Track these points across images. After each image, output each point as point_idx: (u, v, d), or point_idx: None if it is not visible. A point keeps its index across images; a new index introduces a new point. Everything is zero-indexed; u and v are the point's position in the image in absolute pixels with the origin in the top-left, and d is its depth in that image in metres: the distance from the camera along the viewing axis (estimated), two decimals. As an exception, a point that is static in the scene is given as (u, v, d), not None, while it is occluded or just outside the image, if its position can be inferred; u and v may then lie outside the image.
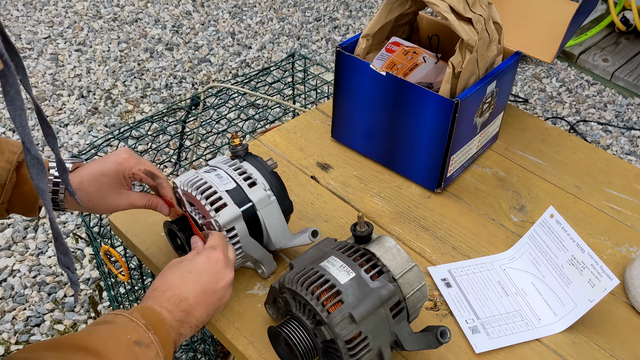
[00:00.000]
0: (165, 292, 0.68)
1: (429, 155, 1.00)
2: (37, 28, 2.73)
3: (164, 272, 0.71)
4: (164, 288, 0.68)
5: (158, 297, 0.67)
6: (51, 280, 1.69)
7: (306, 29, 2.89)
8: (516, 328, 0.83)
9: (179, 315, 0.67)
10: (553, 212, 0.90)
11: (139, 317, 0.63)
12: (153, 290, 0.69)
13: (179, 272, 0.70)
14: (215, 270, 0.71)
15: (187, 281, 0.69)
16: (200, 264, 0.71)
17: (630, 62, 2.66)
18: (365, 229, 0.74)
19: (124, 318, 0.62)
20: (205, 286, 0.69)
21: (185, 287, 0.68)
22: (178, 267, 0.71)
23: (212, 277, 0.70)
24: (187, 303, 0.68)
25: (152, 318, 0.64)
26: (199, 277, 0.70)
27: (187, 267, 0.70)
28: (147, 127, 2.06)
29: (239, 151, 0.85)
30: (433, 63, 1.07)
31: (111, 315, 0.63)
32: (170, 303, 0.67)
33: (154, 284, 0.70)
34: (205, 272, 0.70)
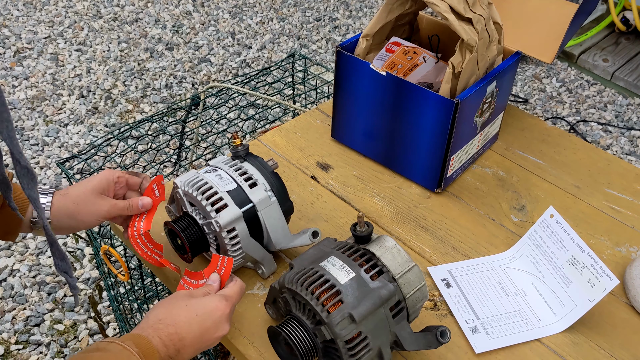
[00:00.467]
0: (168, 327, 0.68)
1: (429, 155, 1.00)
2: (37, 28, 2.73)
3: (172, 305, 0.71)
4: (168, 322, 0.69)
5: (160, 329, 0.68)
6: (51, 280, 1.69)
7: (306, 29, 2.90)
8: (516, 328, 0.83)
9: (172, 352, 0.68)
10: (553, 212, 0.90)
11: (132, 345, 0.64)
12: (157, 321, 0.69)
13: (187, 310, 0.70)
14: (219, 321, 0.71)
15: (191, 322, 0.70)
16: (208, 308, 0.71)
17: (630, 62, 2.66)
18: (365, 229, 0.74)
19: (117, 346, 0.63)
20: (204, 332, 0.70)
21: (187, 328, 0.69)
22: (187, 304, 0.71)
23: (213, 326, 0.71)
24: (182, 343, 0.68)
25: (144, 346, 0.65)
26: (203, 321, 0.70)
27: (195, 308, 0.71)
28: (147, 127, 2.06)
29: (239, 151, 0.85)
30: (433, 63, 1.08)
31: (104, 343, 0.63)
32: (169, 339, 0.67)
33: (158, 314, 0.70)
34: (209, 319, 0.71)
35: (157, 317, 0.70)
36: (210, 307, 0.71)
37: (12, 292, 1.66)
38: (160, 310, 0.71)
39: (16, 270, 1.72)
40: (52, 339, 1.56)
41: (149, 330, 0.68)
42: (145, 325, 0.69)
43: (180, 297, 0.72)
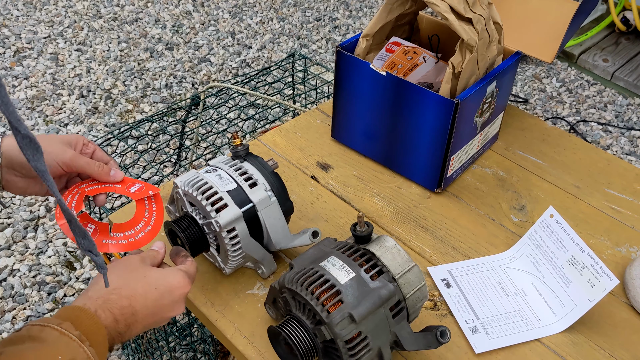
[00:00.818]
0: (122, 299, 0.61)
1: (429, 155, 1.00)
2: (37, 27, 2.73)
3: (128, 273, 0.64)
4: (123, 293, 0.62)
5: (113, 300, 0.61)
6: (51, 279, 1.69)
7: (306, 28, 2.89)
8: (516, 328, 0.83)
9: (122, 327, 0.61)
10: (553, 212, 0.90)
11: (71, 327, 0.55)
12: (110, 290, 0.62)
13: (145, 282, 0.64)
14: (177, 299, 0.66)
15: (148, 297, 0.63)
16: (170, 285, 0.65)
17: (631, 62, 2.66)
18: (365, 229, 0.74)
19: (53, 332, 0.54)
20: (159, 310, 0.64)
21: (142, 301, 0.63)
22: (145, 275, 0.65)
23: (170, 304, 0.65)
24: (134, 318, 0.62)
25: (87, 324, 0.57)
26: (161, 297, 0.64)
27: (154, 281, 0.64)
28: (147, 127, 2.06)
29: (239, 151, 0.85)
30: (433, 63, 1.07)
31: (37, 328, 0.55)
32: (121, 312, 0.61)
33: (114, 282, 0.62)
34: (169, 296, 0.65)
35: (111, 286, 0.62)
36: (172, 283, 0.65)
37: (12, 292, 1.66)
38: (115, 277, 0.63)
39: (16, 270, 1.72)
40: (52, 339, 1.56)
41: (99, 301, 0.60)
42: (94, 294, 0.61)
43: (137, 265, 0.66)
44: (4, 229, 1.82)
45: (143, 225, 0.73)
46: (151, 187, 0.76)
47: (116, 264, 0.66)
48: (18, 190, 0.75)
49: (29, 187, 0.76)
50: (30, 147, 0.51)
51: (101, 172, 0.75)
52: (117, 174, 0.76)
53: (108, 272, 0.61)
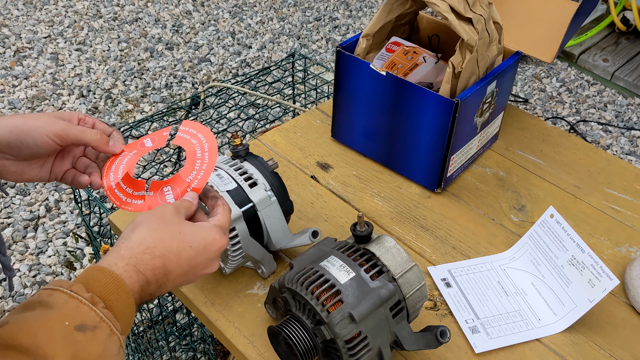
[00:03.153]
0: (155, 259, 0.57)
1: (429, 155, 1.00)
2: (37, 27, 2.73)
3: (162, 229, 0.59)
4: (158, 253, 0.57)
5: (145, 261, 0.57)
6: (51, 279, 1.69)
7: (306, 28, 2.89)
8: (516, 328, 0.83)
9: (153, 288, 0.57)
10: (553, 212, 0.90)
11: (82, 289, 0.51)
12: (144, 249, 0.57)
13: (180, 240, 0.59)
14: (213, 257, 0.62)
15: (182, 256, 0.59)
16: (205, 241, 0.61)
17: (631, 62, 2.66)
18: (365, 228, 0.74)
19: (62, 295, 0.51)
20: (192, 268, 0.61)
21: (176, 260, 0.59)
22: (180, 231, 0.60)
23: (204, 262, 0.61)
24: (167, 278, 0.58)
25: (105, 284, 0.53)
26: (196, 255, 0.60)
27: (189, 238, 0.60)
28: (147, 127, 2.06)
29: (239, 151, 0.85)
30: (433, 63, 1.07)
31: (47, 293, 0.52)
32: (154, 274, 0.57)
33: (145, 238, 0.58)
34: (204, 254, 0.61)
35: (144, 242, 0.58)
36: (208, 240, 0.61)
37: (12, 291, 1.66)
38: (148, 233, 0.58)
39: (16, 270, 1.71)
40: (52, 339, 1.56)
41: (132, 261, 0.56)
42: (127, 252, 0.57)
43: (172, 218, 0.61)
44: (4, 228, 1.82)
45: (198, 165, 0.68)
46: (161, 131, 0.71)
47: (150, 215, 0.61)
48: (11, 176, 0.69)
49: (24, 172, 0.70)
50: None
51: (99, 139, 0.69)
52: (115, 144, 0.70)
53: (142, 223, 0.59)
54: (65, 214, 1.88)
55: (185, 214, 0.64)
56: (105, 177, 0.70)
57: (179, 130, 0.73)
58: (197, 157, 0.70)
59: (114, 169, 0.71)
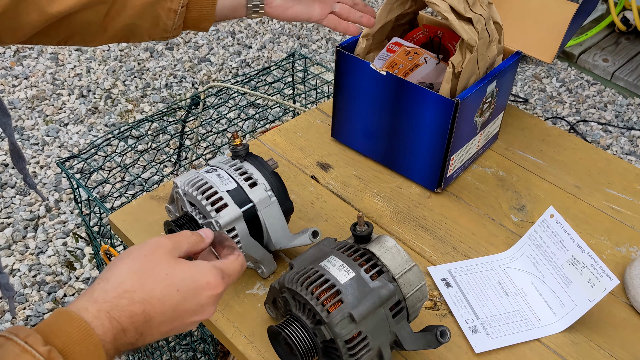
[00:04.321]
0: (134, 304, 0.50)
1: (429, 155, 1.00)
2: (37, 27, 2.73)
3: (147, 270, 0.52)
4: (137, 298, 0.50)
5: (122, 306, 0.49)
6: (51, 279, 1.69)
7: (306, 28, 2.89)
8: (516, 328, 0.83)
9: (132, 337, 0.50)
10: (553, 212, 0.90)
11: (38, 341, 0.45)
12: (121, 292, 0.50)
13: (166, 283, 0.52)
14: (204, 303, 0.54)
15: (166, 301, 0.51)
16: (197, 284, 0.53)
17: (631, 62, 2.66)
18: (365, 228, 0.74)
19: (15, 348, 0.44)
20: (179, 315, 0.53)
21: (159, 307, 0.51)
22: (167, 273, 0.52)
23: (195, 308, 0.53)
24: (148, 325, 0.51)
25: (69, 333, 0.46)
26: (184, 301, 0.52)
27: (178, 281, 0.52)
28: (147, 127, 2.06)
29: (239, 151, 0.85)
30: (434, 64, 1.07)
31: (1, 340, 0.45)
32: (131, 322, 0.50)
33: (124, 280, 0.51)
34: (193, 300, 0.53)
35: (122, 285, 0.50)
36: (200, 282, 0.53)
37: (13, 317, 1.66)
38: (129, 275, 0.51)
39: (16, 270, 1.72)
40: (52, 339, 1.56)
41: (105, 306, 0.49)
42: (101, 295, 0.49)
43: (162, 258, 0.53)
44: (4, 228, 1.82)
45: None
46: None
47: (134, 250, 0.53)
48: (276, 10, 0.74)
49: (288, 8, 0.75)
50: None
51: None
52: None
53: (123, 261, 0.52)
54: (65, 214, 1.88)
55: (187, 251, 0.56)
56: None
57: None
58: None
59: None
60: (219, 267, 0.56)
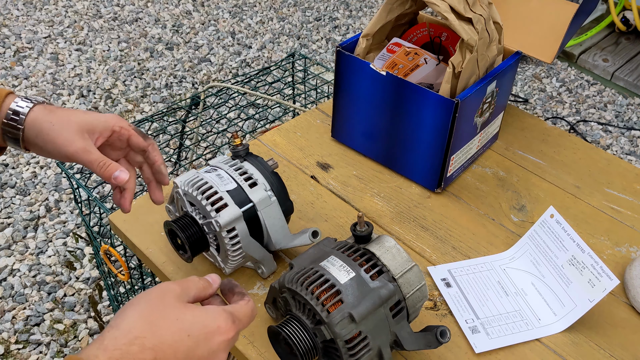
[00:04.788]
0: (144, 351, 0.49)
1: (429, 155, 1.00)
2: (37, 27, 2.73)
3: (157, 314, 0.52)
4: (148, 345, 0.49)
5: (133, 353, 0.48)
6: (51, 279, 1.69)
7: (306, 28, 2.89)
8: (516, 328, 0.83)
9: None
10: (553, 212, 0.90)
11: None
12: (131, 339, 0.49)
13: (177, 328, 0.51)
14: (216, 349, 0.53)
15: (178, 347, 0.51)
16: (208, 329, 0.53)
17: (631, 62, 2.66)
18: (365, 228, 0.74)
19: None
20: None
21: (171, 353, 0.50)
22: (177, 317, 0.52)
23: (205, 355, 0.52)
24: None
25: None
26: (195, 347, 0.52)
27: (188, 326, 0.52)
28: (147, 127, 2.06)
29: (239, 151, 0.85)
30: (434, 65, 1.07)
31: None
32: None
33: (134, 326, 0.50)
34: (205, 345, 0.52)
35: (132, 331, 0.50)
36: (210, 327, 0.53)
37: (12, 291, 1.66)
38: (139, 321, 0.51)
39: (16, 270, 1.72)
40: (52, 339, 1.56)
41: (115, 353, 0.48)
42: (111, 343, 0.49)
43: (171, 304, 0.53)
44: (4, 228, 1.82)
45: None
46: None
47: (144, 296, 0.53)
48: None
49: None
50: None
51: (102, 173, 0.67)
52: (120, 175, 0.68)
53: (132, 307, 0.51)
54: (65, 214, 1.88)
55: (195, 296, 0.56)
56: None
57: None
58: None
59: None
60: (229, 311, 0.55)
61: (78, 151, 0.66)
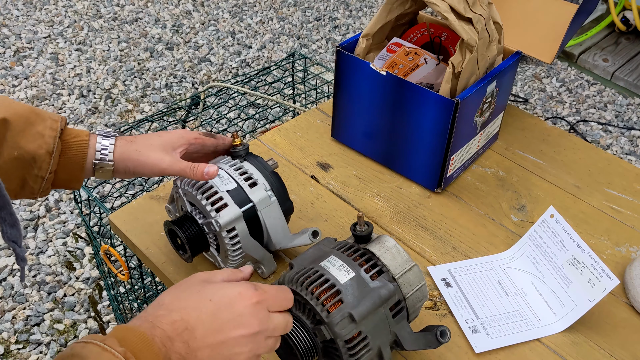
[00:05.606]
0: (172, 313, 0.55)
1: (429, 155, 1.00)
2: (37, 27, 2.73)
3: (181, 289, 0.58)
4: (172, 307, 0.56)
5: (161, 316, 0.55)
6: (51, 279, 1.69)
7: (306, 28, 2.90)
8: (516, 328, 0.83)
9: (180, 346, 0.54)
10: (553, 212, 0.90)
11: (115, 343, 0.51)
12: (158, 307, 0.56)
13: (198, 294, 0.57)
14: (239, 313, 0.56)
15: (201, 308, 0.56)
16: (226, 296, 0.57)
17: (630, 62, 2.66)
18: (365, 228, 0.74)
19: (96, 348, 0.50)
20: (219, 325, 0.56)
21: (196, 314, 0.55)
22: (199, 290, 0.58)
23: (232, 318, 0.56)
24: (192, 334, 0.55)
25: (135, 342, 0.52)
26: (217, 310, 0.56)
27: (210, 293, 0.57)
28: (147, 127, 2.06)
29: (239, 151, 0.85)
30: (434, 65, 1.07)
31: (80, 346, 0.51)
32: (172, 327, 0.54)
33: (161, 299, 0.57)
34: (227, 309, 0.56)
35: (159, 303, 0.57)
36: (232, 294, 0.57)
37: (12, 291, 1.66)
38: (165, 296, 0.58)
39: (16, 270, 1.72)
40: (52, 339, 1.56)
41: (148, 320, 0.55)
42: (144, 314, 0.56)
43: (194, 282, 0.59)
44: (4, 228, 1.82)
45: None
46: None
47: (175, 285, 0.60)
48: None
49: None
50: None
51: (196, 174, 0.76)
52: (209, 170, 0.75)
53: (164, 292, 0.58)
54: (65, 214, 1.88)
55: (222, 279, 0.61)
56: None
57: None
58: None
59: None
60: (250, 282, 0.60)
61: (170, 165, 0.76)
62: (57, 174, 0.76)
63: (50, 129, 0.73)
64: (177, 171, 0.76)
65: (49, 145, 0.73)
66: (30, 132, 0.72)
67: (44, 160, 0.73)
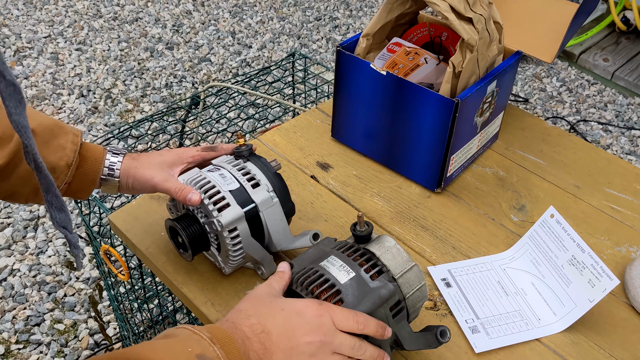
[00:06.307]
0: (250, 317, 0.62)
1: (429, 154, 1.00)
2: (37, 27, 2.73)
3: (255, 299, 0.65)
4: (250, 313, 0.63)
5: (240, 319, 0.62)
6: (51, 279, 1.70)
7: (306, 28, 2.90)
8: (516, 328, 0.83)
9: (257, 347, 0.60)
10: (553, 212, 0.90)
11: (204, 330, 0.58)
12: (238, 312, 0.63)
13: (271, 304, 0.64)
14: (308, 322, 0.63)
15: (276, 315, 0.63)
16: (296, 308, 0.64)
17: (631, 62, 2.66)
18: (365, 228, 0.74)
19: (186, 331, 0.58)
20: (291, 330, 0.62)
21: (271, 320, 0.62)
22: (270, 299, 0.65)
23: (302, 325, 0.62)
24: (268, 337, 0.61)
25: (220, 336, 0.58)
26: (289, 317, 0.63)
27: (281, 303, 0.64)
28: (147, 127, 2.06)
29: (243, 151, 0.85)
30: (434, 64, 1.07)
31: (172, 329, 0.59)
32: (251, 329, 0.61)
33: (239, 307, 0.65)
34: (296, 317, 0.63)
35: (238, 309, 0.64)
36: (300, 306, 0.64)
37: (12, 291, 1.66)
38: (242, 304, 0.65)
39: (16, 270, 1.72)
40: (52, 339, 1.56)
41: (230, 318, 0.62)
42: (225, 319, 0.63)
43: (262, 293, 0.66)
44: (4, 228, 1.82)
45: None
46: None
47: (246, 296, 0.67)
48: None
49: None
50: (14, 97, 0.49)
51: (178, 197, 0.78)
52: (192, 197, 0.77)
53: (239, 303, 0.65)
54: (65, 214, 1.88)
55: (279, 289, 0.68)
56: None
57: None
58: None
59: None
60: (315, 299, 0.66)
61: (159, 182, 0.80)
62: (69, 185, 0.79)
63: (72, 142, 0.77)
64: (165, 189, 0.80)
65: (69, 158, 0.77)
66: (53, 144, 0.75)
67: (62, 171, 0.77)
